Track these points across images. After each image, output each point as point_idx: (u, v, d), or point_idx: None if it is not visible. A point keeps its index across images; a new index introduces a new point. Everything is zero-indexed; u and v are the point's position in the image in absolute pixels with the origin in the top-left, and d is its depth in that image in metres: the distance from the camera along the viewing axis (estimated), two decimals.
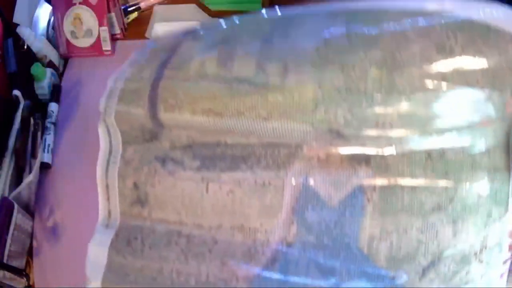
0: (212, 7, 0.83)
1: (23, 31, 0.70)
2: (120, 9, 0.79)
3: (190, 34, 0.53)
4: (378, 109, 0.39)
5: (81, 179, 0.65)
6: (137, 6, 0.84)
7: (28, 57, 0.70)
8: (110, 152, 0.52)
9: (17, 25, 0.70)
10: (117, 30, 0.79)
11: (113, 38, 0.79)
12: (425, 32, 0.40)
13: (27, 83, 0.69)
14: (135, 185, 0.49)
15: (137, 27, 0.82)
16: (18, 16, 0.69)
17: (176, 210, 0.47)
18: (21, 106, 0.62)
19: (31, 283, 0.57)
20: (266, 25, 0.49)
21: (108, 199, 0.52)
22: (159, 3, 0.85)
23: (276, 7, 0.51)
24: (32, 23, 0.74)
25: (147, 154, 0.49)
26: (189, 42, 0.51)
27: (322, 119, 0.40)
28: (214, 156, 0.46)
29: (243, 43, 0.47)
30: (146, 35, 0.81)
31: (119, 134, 0.52)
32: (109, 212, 0.51)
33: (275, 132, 0.42)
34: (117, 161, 0.51)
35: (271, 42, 0.46)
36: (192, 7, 0.84)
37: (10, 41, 0.69)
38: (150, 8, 0.85)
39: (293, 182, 0.42)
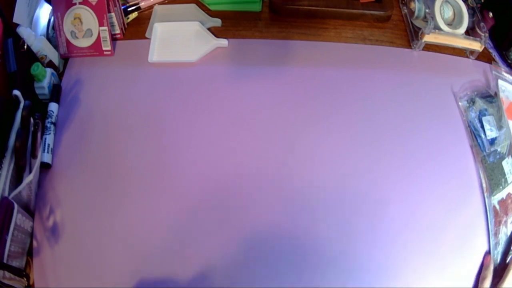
0: (212, 7, 0.83)
1: (23, 31, 0.70)
2: (120, 9, 0.79)
3: None
4: None
5: (81, 179, 0.66)
6: (137, 6, 0.84)
7: (28, 57, 0.70)
8: None
9: (17, 25, 0.70)
10: (117, 30, 0.79)
11: (113, 38, 0.79)
12: None
13: (27, 83, 0.69)
14: None
15: (137, 27, 0.82)
16: (18, 16, 0.69)
17: None
18: (21, 106, 0.62)
19: (31, 283, 0.57)
20: None
21: None
22: (159, 3, 0.85)
23: None
24: (32, 23, 0.74)
25: None
26: None
27: None
28: None
29: None
30: (146, 35, 0.81)
31: None
32: None
33: None
34: None
35: None
36: (192, 7, 0.84)
37: (10, 41, 0.69)
38: (150, 8, 0.85)
39: None
